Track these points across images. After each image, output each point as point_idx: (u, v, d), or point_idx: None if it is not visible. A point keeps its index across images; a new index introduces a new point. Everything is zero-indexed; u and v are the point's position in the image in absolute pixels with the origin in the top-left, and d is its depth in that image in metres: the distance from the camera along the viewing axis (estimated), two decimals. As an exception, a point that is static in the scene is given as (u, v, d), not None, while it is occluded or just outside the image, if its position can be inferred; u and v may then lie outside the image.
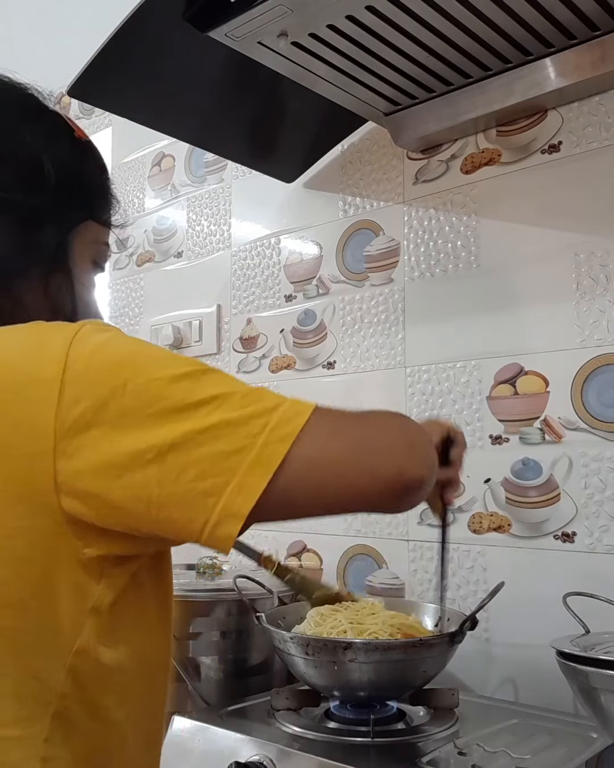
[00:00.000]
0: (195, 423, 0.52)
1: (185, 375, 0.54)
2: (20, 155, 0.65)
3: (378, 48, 1.03)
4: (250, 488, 0.52)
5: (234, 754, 0.90)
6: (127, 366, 0.54)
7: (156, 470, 0.52)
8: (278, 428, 0.53)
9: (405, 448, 0.58)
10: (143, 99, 1.18)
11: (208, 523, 0.52)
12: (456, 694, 0.98)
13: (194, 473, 0.52)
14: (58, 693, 0.55)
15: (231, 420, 0.53)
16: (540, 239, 1.16)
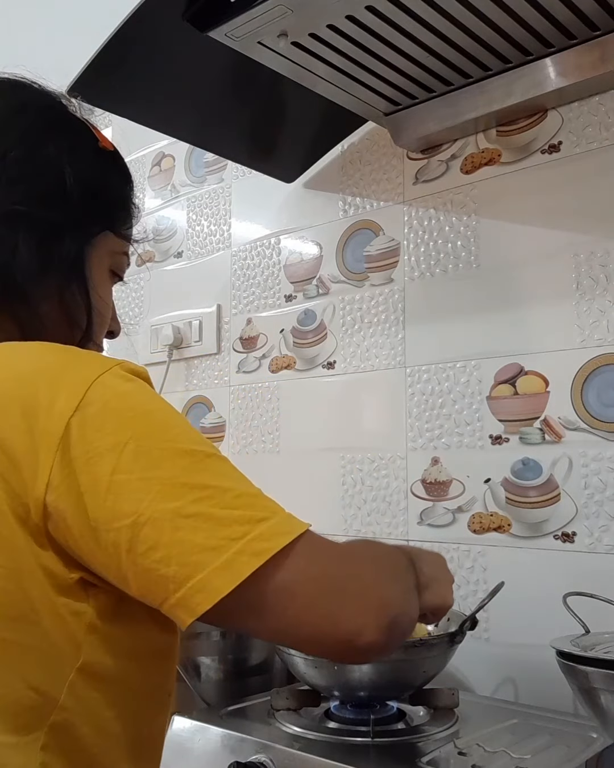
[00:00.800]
0: (179, 505, 0.52)
1: (190, 453, 0.54)
2: (42, 169, 0.65)
3: (378, 48, 1.03)
4: (211, 591, 0.51)
5: (234, 754, 0.90)
6: (137, 425, 0.54)
7: (127, 539, 0.51)
8: (258, 541, 0.52)
9: (376, 611, 0.55)
10: (143, 99, 1.18)
11: (166, 602, 0.52)
12: (456, 694, 0.98)
13: (162, 555, 0.51)
14: (58, 706, 0.55)
15: (214, 516, 0.52)
16: (540, 239, 1.16)
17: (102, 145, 0.71)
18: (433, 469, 1.23)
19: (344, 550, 0.59)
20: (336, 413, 1.38)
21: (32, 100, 0.69)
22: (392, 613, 0.56)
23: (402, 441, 1.28)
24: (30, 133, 0.66)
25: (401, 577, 0.62)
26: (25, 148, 0.65)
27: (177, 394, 1.66)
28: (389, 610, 0.56)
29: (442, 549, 1.21)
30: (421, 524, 1.24)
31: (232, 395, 1.56)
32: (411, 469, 1.26)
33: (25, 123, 0.67)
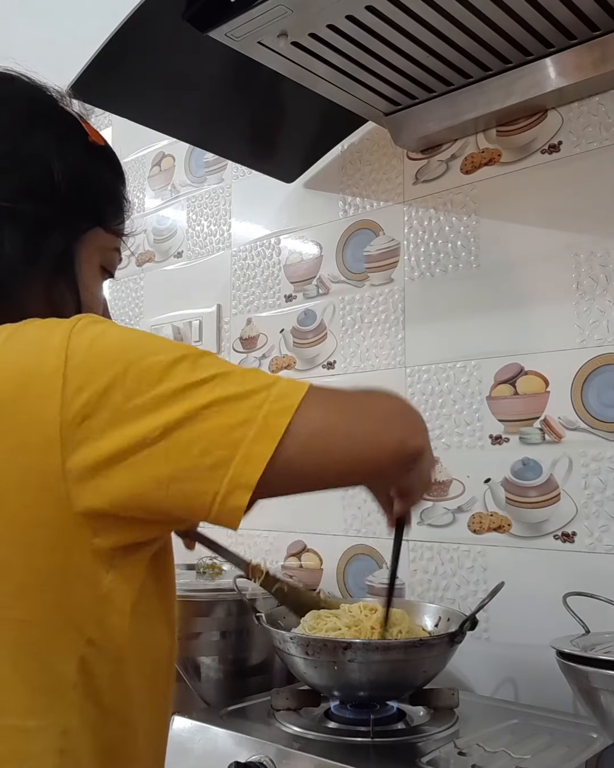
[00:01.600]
0: (197, 400, 0.53)
1: (182, 358, 0.55)
2: (30, 163, 0.64)
3: (378, 48, 1.03)
4: (257, 458, 0.53)
5: (234, 754, 0.90)
6: (126, 353, 0.55)
7: (163, 447, 0.53)
8: (279, 400, 0.55)
9: (401, 418, 0.61)
10: (143, 99, 1.18)
11: (218, 495, 0.53)
12: (456, 694, 0.98)
13: (201, 447, 0.53)
14: (72, 683, 0.56)
15: (232, 395, 0.54)
16: (540, 239, 1.16)
17: (92, 139, 0.70)
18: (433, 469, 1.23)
19: (347, 390, 0.63)
20: (336, 413, 1.37)
21: (19, 92, 0.68)
22: (413, 415, 0.63)
23: (402, 441, 1.27)
24: (15, 125, 0.66)
25: (399, 397, 0.67)
26: (9, 140, 0.65)
27: (177, 394, 1.65)
28: (410, 414, 0.62)
29: (442, 549, 1.21)
30: (421, 524, 1.24)
31: (232, 395, 1.55)
32: (411, 469, 1.26)
33: (10, 116, 0.66)
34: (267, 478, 0.53)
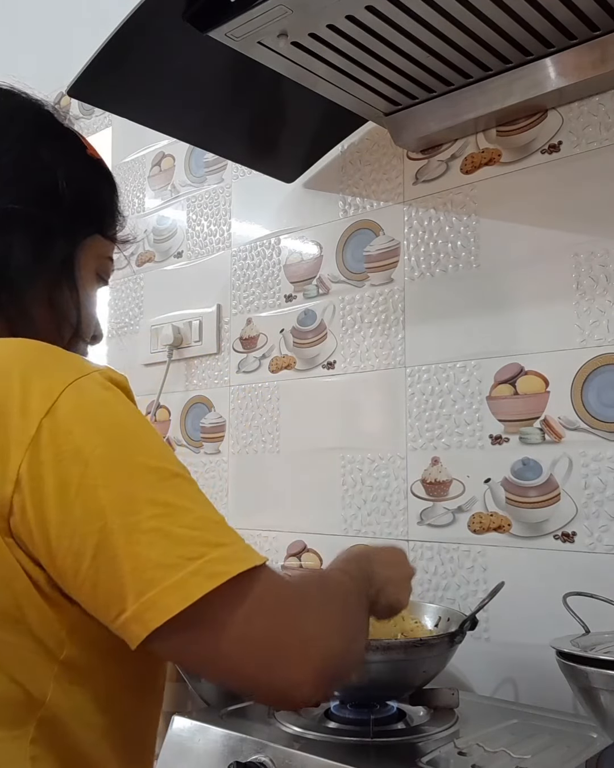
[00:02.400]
0: (139, 519, 0.51)
1: (158, 469, 0.54)
2: (37, 172, 0.67)
3: (378, 48, 1.03)
4: (163, 608, 0.50)
5: (234, 754, 0.90)
6: (109, 433, 0.54)
7: (92, 545, 0.51)
8: (214, 564, 0.52)
9: (315, 668, 0.54)
10: (143, 99, 1.18)
11: (119, 618, 0.51)
12: (456, 694, 0.98)
13: (118, 568, 0.51)
14: (45, 700, 0.55)
15: (173, 534, 0.52)
16: (540, 239, 1.16)
17: (90, 153, 0.73)
18: (433, 469, 1.23)
19: (295, 593, 0.58)
20: (336, 413, 1.38)
21: (24, 107, 0.71)
22: (331, 668, 0.56)
23: (402, 441, 1.28)
24: (23, 138, 0.68)
25: (350, 619, 0.62)
26: (19, 151, 0.67)
27: (177, 394, 1.66)
28: (328, 665, 0.55)
29: (442, 549, 1.21)
30: (421, 524, 1.24)
31: (232, 395, 1.56)
32: (411, 469, 1.26)
33: (18, 129, 0.69)
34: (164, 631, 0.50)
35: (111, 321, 1.84)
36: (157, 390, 1.64)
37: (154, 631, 0.50)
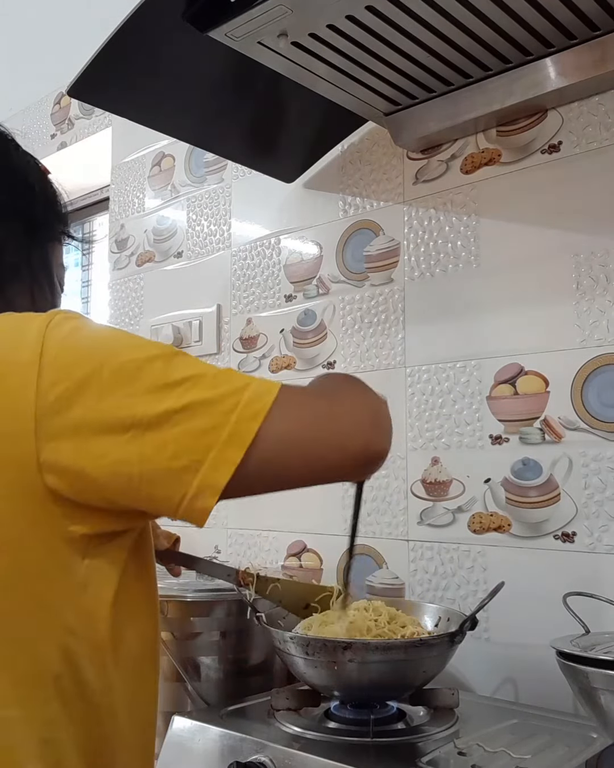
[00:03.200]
0: (170, 402, 0.55)
1: (156, 357, 0.57)
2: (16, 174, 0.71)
3: (378, 48, 1.02)
4: (226, 463, 0.55)
5: (234, 754, 0.90)
6: (102, 349, 0.57)
7: (136, 448, 0.54)
8: (249, 405, 0.56)
9: (370, 421, 0.62)
10: (143, 99, 1.18)
11: (186, 497, 0.55)
12: (456, 694, 0.98)
13: (172, 450, 0.54)
14: (54, 673, 0.57)
15: (204, 399, 0.56)
16: (540, 239, 1.16)
17: (42, 168, 0.76)
18: (433, 469, 1.23)
19: (318, 389, 0.66)
20: (336, 413, 1.37)
21: None
22: (381, 418, 0.64)
23: (402, 441, 1.28)
24: None
25: (367, 387, 0.69)
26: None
27: (177, 394, 1.65)
28: (378, 417, 0.64)
29: (442, 549, 1.21)
30: (421, 524, 1.24)
31: (232, 395, 1.55)
32: (411, 469, 1.26)
33: None
34: (234, 482, 0.55)
35: (111, 321, 1.84)
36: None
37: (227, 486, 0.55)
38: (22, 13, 2.20)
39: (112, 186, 1.89)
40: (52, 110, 2.11)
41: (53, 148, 2.07)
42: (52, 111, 2.11)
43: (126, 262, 1.83)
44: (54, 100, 2.10)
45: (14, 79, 2.22)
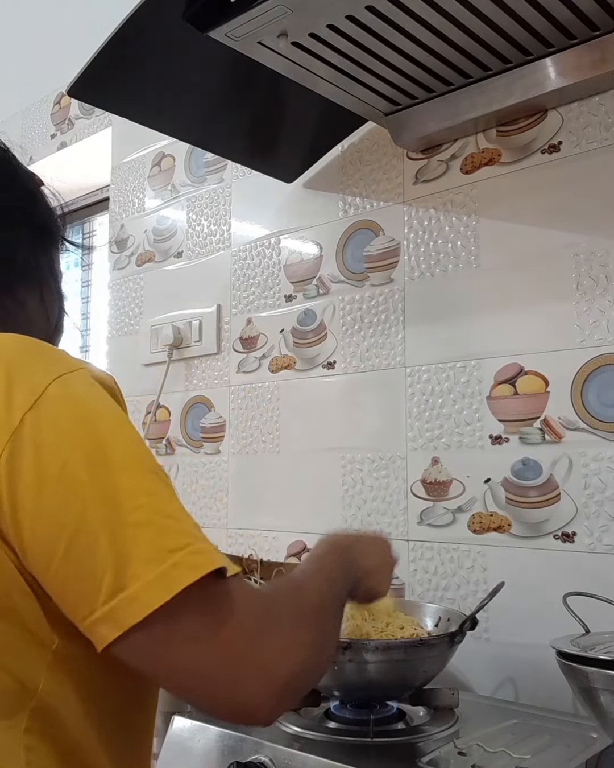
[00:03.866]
0: (122, 514, 0.51)
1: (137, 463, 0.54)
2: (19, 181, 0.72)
3: (378, 48, 1.03)
4: (144, 602, 0.50)
5: (234, 754, 0.90)
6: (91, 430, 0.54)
7: (66, 542, 0.51)
8: (197, 555, 0.51)
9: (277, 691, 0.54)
10: (143, 99, 1.18)
11: (92, 616, 0.51)
12: (456, 694, 0.98)
13: (97, 563, 0.50)
14: (39, 689, 0.55)
15: (155, 525, 0.52)
16: (540, 239, 1.16)
17: (37, 179, 0.76)
18: (433, 469, 1.23)
19: (266, 606, 0.57)
20: (336, 413, 1.38)
21: None
22: (293, 689, 0.55)
23: (402, 441, 1.28)
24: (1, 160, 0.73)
25: (321, 631, 0.61)
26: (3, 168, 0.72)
27: (177, 394, 1.66)
28: (291, 687, 0.55)
29: (442, 549, 1.21)
30: (421, 524, 1.24)
31: (232, 395, 1.56)
32: (411, 469, 1.26)
33: None
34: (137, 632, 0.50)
35: (111, 321, 1.84)
36: (157, 390, 1.64)
37: (128, 630, 0.50)
38: (23, 13, 2.20)
39: (112, 186, 1.90)
40: (52, 110, 2.11)
41: (53, 148, 2.07)
42: (52, 111, 2.11)
43: (126, 262, 1.83)
44: (54, 100, 2.10)
45: (14, 79, 2.22)
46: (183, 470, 1.63)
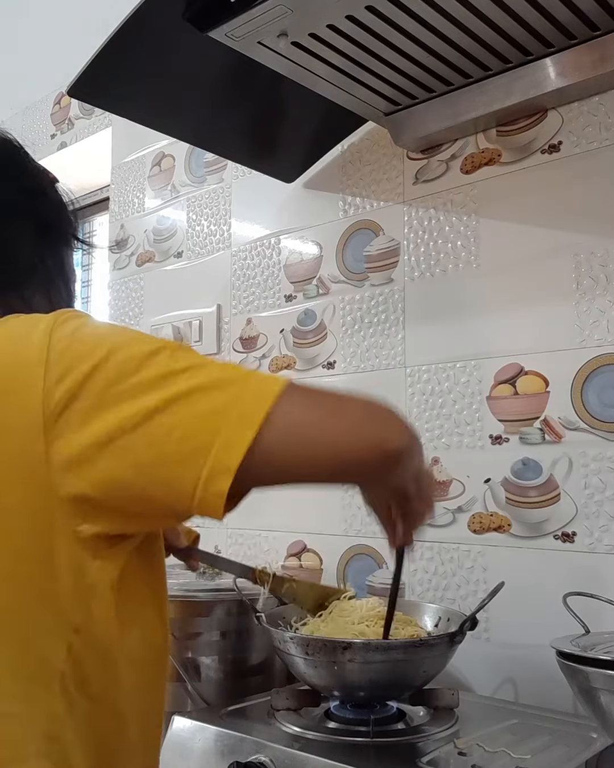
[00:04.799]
0: (177, 387, 0.54)
1: (161, 348, 0.57)
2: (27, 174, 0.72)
3: (378, 48, 1.03)
4: (237, 444, 0.53)
5: (234, 754, 0.90)
6: (107, 344, 0.56)
7: (143, 433, 0.53)
8: (258, 389, 0.55)
9: (382, 419, 0.60)
10: (143, 99, 1.18)
11: (200, 481, 0.53)
12: (456, 694, 0.98)
13: (181, 433, 0.53)
14: (59, 671, 0.56)
15: (211, 383, 0.55)
16: (540, 239, 1.16)
17: (50, 176, 0.76)
18: (433, 469, 1.23)
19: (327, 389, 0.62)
20: (336, 413, 1.37)
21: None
22: (395, 416, 0.61)
23: (402, 441, 1.27)
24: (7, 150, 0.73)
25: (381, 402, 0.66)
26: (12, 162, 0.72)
27: (177, 394, 1.65)
28: (393, 416, 0.61)
29: (442, 549, 1.21)
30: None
31: (232, 395, 1.55)
32: (411, 469, 1.26)
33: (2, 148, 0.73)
34: (247, 465, 0.53)
35: (111, 321, 1.84)
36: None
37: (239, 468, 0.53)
38: (23, 13, 2.20)
39: (112, 186, 1.90)
40: (52, 110, 2.11)
41: (53, 148, 2.07)
42: (52, 111, 2.11)
43: (126, 262, 1.83)
44: (54, 100, 2.10)
45: (14, 79, 2.22)
46: (183, 470, 1.63)
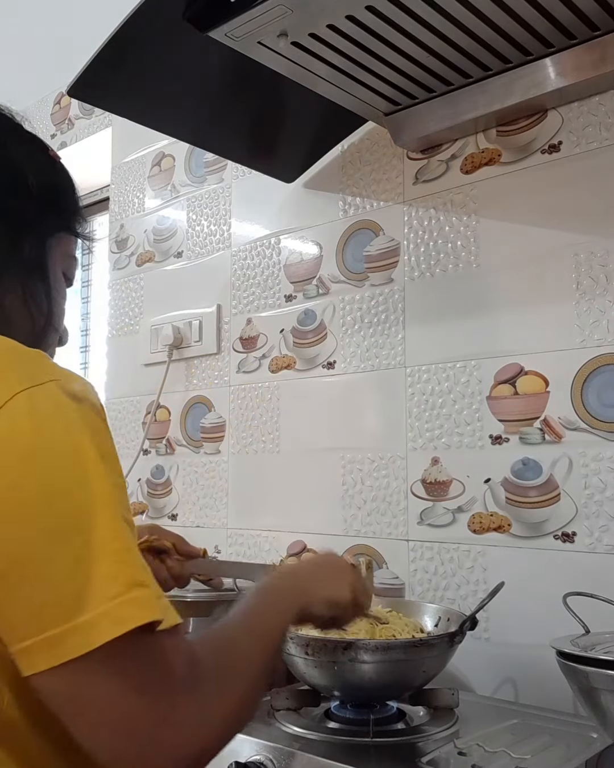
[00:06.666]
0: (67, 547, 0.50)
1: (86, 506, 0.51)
2: (7, 166, 0.68)
3: (378, 48, 1.03)
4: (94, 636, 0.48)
5: (234, 754, 0.90)
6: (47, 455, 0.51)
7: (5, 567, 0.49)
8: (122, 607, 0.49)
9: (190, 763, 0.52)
10: (143, 99, 1.18)
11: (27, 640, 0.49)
12: (456, 694, 0.98)
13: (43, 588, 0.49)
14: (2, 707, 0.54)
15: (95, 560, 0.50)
16: (540, 239, 1.16)
17: (51, 154, 0.74)
18: (433, 469, 1.23)
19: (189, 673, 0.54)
20: (336, 413, 1.38)
21: None
22: (202, 762, 0.54)
23: (402, 441, 1.28)
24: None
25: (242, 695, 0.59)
26: None
27: (177, 394, 1.66)
28: (200, 761, 0.53)
29: (442, 549, 1.21)
30: (421, 524, 1.24)
31: (232, 395, 1.56)
32: (411, 469, 1.26)
33: None
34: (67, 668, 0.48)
35: (111, 321, 1.84)
36: (157, 390, 1.64)
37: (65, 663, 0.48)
38: (23, 13, 2.20)
39: (112, 186, 1.90)
40: (52, 110, 2.11)
41: (53, 149, 2.07)
42: (52, 111, 2.11)
43: (126, 262, 1.83)
44: (54, 100, 2.10)
45: (14, 80, 2.22)
46: (183, 470, 1.63)
